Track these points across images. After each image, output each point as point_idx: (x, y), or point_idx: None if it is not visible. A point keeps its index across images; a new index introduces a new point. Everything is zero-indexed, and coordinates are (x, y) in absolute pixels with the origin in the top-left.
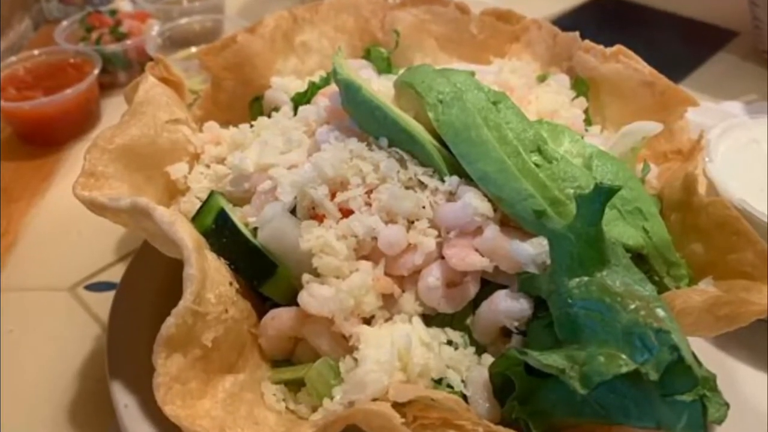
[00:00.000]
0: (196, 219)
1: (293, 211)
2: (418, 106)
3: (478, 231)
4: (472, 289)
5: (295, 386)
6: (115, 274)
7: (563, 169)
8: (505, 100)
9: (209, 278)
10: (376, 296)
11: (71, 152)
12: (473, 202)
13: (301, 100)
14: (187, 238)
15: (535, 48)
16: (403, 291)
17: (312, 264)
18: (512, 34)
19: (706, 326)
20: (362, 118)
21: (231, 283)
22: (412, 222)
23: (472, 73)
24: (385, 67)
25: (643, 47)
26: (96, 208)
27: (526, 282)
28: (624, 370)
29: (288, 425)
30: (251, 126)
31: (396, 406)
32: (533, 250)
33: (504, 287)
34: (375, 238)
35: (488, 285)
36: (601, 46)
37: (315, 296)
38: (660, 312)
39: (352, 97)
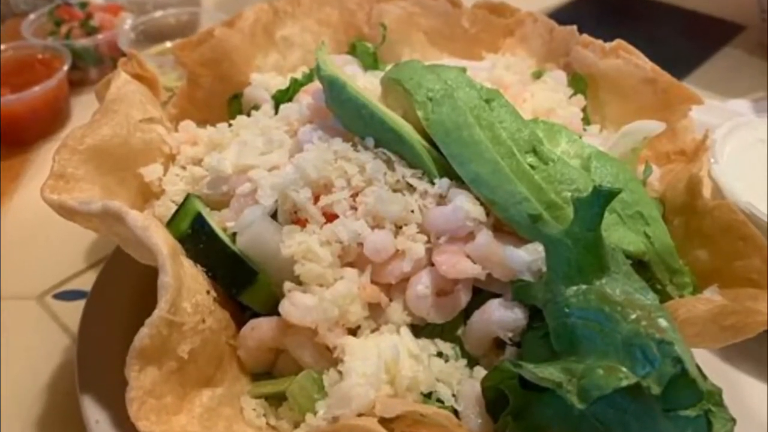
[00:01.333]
0: (171, 224)
1: (274, 216)
2: (406, 104)
3: (470, 236)
4: (464, 297)
5: (276, 400)
6: (86, 282)
7: (560, 171)
8: (498, 98)
9: (185, 286)
10: (361, 305)
11: (39, 153)
12: (465, 206)
13: (282, 97)
14: (162, 243)
15: (530, 43)
16: (391, 300)
17: (294, 271)
18: (506, 28)
19: (711, 337)
20: (347, 117)
21: (208, 292)
22: (400, 227)
23: (464, 70)
24: (371, 62)
25: (645, 42)
26: (65, 212)
27: (520, 290)
28: (624, 383)
29: None
30: (230, 125)
31: (383, 421)
32: (528, 256)
33: (497, 296)
34: (361, 244)
35: (480, 294)
36: (600, 41)
37: (297, 305)
38: (662, 322)
39: (336, 95)
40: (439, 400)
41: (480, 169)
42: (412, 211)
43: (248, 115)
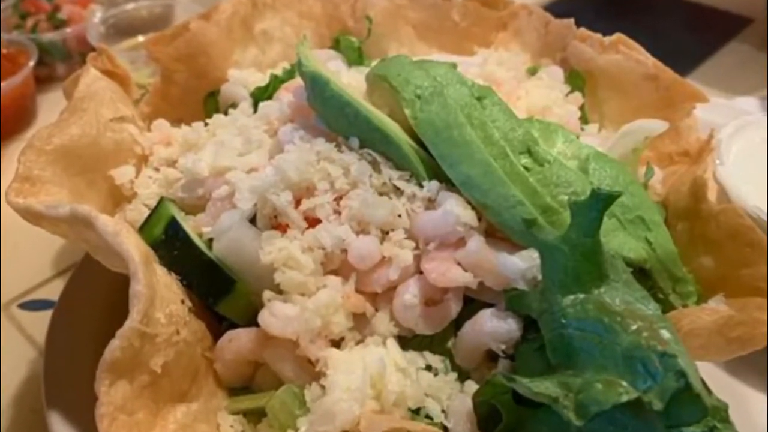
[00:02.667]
0: (143, 229)
1: (253, 221)
2: (393, 102)
3: (461, 242)
4: (454, 307)
5: (255, 417)
6: (54, 291)
7: (556, 173)
8: (490, 95)
9: (158, 295)
10: (346, 316)
11: (4, 154)
12: (455, 210)
13: (261, 95)
14: (134, 250)
15: (524, 37)
16: (377, 310)
17: (274, 279)
18: (499, 22)
19: (716, 349)
20: (330, 116)
21: (183, 301)
22: (387, 232)
23: (454, 66)
24: (356, 58)
25: (646, 36)
26: (31, 216)
27: (514, 300)
28: (624, 398)
29: None
30: (206, 124)
31: None
32: (522, 263)
33: (490, 306)
34: (345, 251)
35: (472, 303)
36: (598, 35)
37: (277, 316)
38: (665, 333)
39: (319, 92)
40: (428, 417)
41: (471, 170)
42: (400, 216)
43: (225, 113)
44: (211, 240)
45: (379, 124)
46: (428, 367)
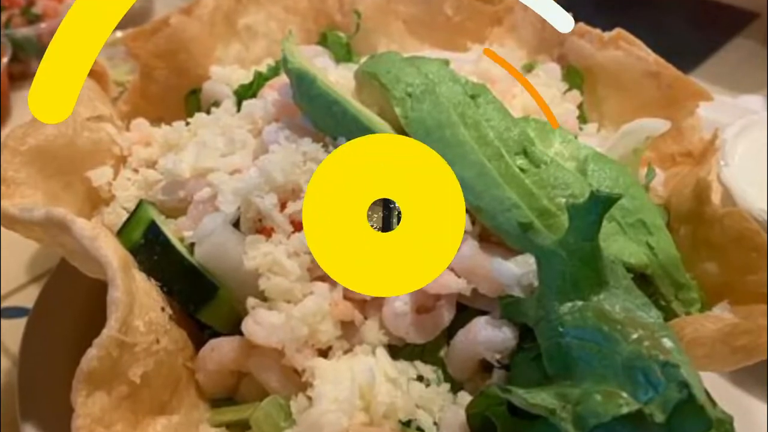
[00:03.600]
0: (122, 233)
1: (236, 224)
2: (382, 100)
3: None
4: (447, 315)
5: (238, 429)
6: (28, 298)
7: (553, 175)
8: (485, 93)
9: (138, 303)
10: (333, 324)
11: None
12: None
13: (245, 93)
14: (112, 255)
15: (520, 32)
16: (366, 318)
17: (258, 286)
18: (494, 16)
19: (720, 359)
20: (317, 115)
21: (163, 309)
22: None
23: (447, 62)
24: (344, 54)
25: (648, 31)
26: (5, 220)
27: (509, 307)
28: (625, 410)
29: None
30: (187, 124)
31: None
32: (518, 269)
33: (484, 313)
34: None
35: (465, 311)
36: (597, 30)
37: (262, 324)
38: (667, 342)
39: (305, 90)
40: (419, 429)
41: (464, 172)
42: None
43: (207, 112)
44: (192, 244)
45: (368, 123)
46: (419, 378)
